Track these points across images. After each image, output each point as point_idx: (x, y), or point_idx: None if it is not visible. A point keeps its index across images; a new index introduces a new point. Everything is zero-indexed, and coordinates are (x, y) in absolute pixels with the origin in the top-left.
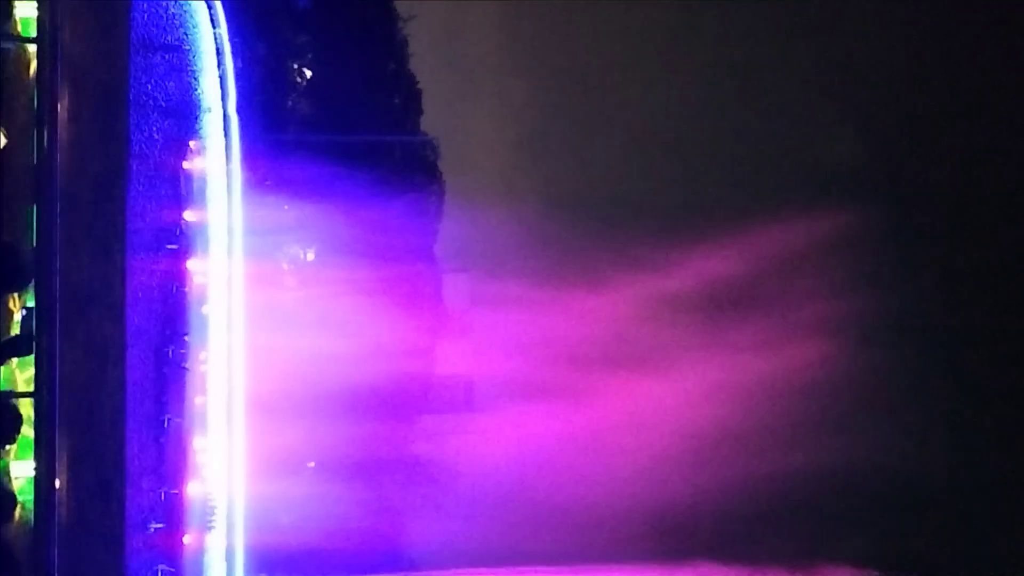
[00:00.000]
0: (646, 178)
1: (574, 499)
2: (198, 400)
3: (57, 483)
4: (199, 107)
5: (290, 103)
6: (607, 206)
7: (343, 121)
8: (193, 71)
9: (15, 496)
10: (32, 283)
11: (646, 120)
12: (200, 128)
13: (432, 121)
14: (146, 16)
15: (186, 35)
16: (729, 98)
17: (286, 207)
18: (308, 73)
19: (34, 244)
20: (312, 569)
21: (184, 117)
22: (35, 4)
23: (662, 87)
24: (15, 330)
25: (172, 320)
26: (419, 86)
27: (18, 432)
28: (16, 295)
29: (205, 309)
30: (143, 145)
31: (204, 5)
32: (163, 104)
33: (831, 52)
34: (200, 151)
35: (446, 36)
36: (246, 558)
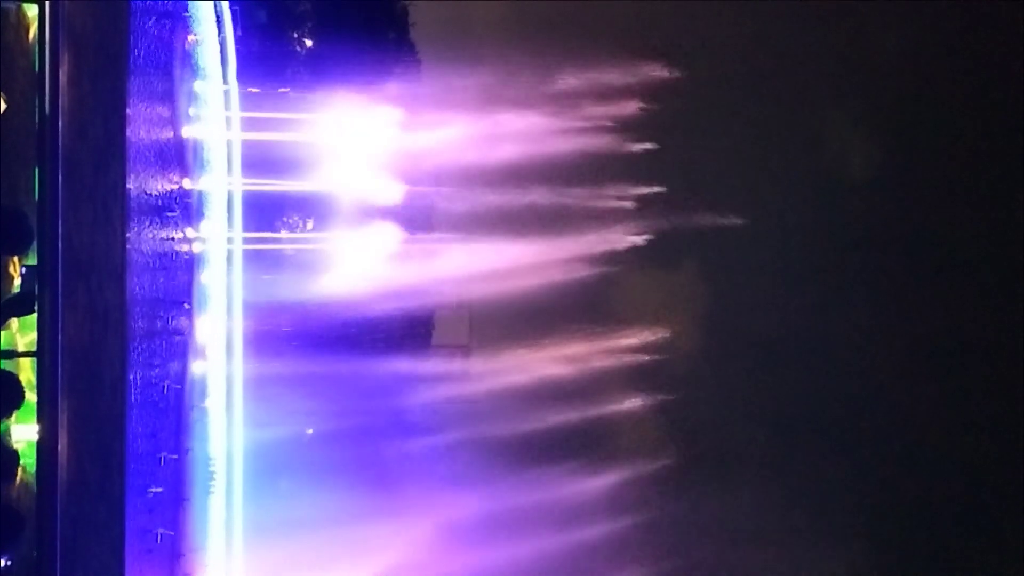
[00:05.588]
0: (649, 158)
1: None
2: (196, 366)
3: (59, 446)
4: (200, 74)
5: (290, 72)
6: (607, 176)
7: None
8: (194, 38)
9: (17, 455)
10: (34, 246)
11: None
12: (201, 95)
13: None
14: None
15: (187, 1)
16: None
17: (285, 175)
18: (308, 42)
19: (36, 209)
20: None
21: (184, 84)
22: None
23: (669, 66)
24: (16, 291)
25: (172, 287)
26: (419, 56)
27: (22, 401)
28: (16, 257)
29: (204, 277)
30: (144, 111)
31: None
32: (164, 70)
33: (847, 53)
34: (200, 118)
35: (449, 5)
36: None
